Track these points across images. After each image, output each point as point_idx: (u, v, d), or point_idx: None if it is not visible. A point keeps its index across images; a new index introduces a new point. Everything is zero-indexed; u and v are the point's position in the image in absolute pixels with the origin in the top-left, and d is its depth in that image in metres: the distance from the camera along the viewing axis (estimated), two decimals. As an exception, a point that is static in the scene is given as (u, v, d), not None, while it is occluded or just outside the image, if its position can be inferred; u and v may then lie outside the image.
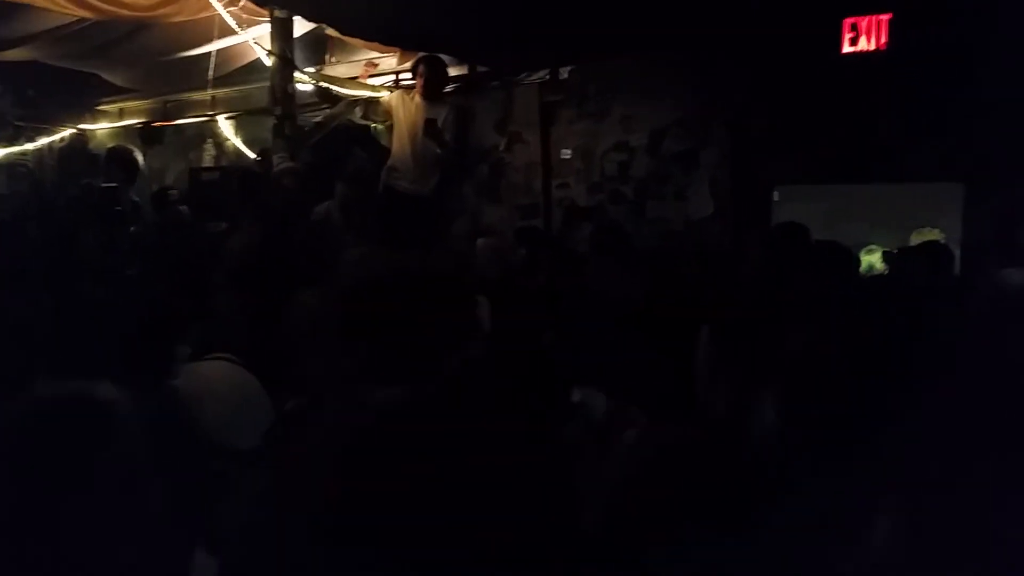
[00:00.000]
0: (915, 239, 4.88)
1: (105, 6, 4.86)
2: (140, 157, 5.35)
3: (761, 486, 1.33)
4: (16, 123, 7.56)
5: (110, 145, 5.92)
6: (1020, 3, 4.19)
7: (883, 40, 4.62)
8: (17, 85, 7.32)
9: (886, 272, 4.63)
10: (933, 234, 4.96)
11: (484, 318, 3.88)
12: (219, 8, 5.00)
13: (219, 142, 7.56)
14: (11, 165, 7.78)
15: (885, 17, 4.61)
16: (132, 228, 4.99)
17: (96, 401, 1.26)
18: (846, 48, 4.72)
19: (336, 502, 1.25)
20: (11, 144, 7.58)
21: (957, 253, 4.36)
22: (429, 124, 5.39)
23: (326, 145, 6.07)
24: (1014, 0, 4.21)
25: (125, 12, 5.03)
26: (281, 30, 5.24)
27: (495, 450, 1.35)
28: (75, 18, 5.24)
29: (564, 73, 6.11)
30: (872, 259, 4.98)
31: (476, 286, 4.36)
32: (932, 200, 5.09)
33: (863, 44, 4.65)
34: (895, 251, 4.52)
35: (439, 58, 5.55)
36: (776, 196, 5.36)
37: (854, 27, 4.69)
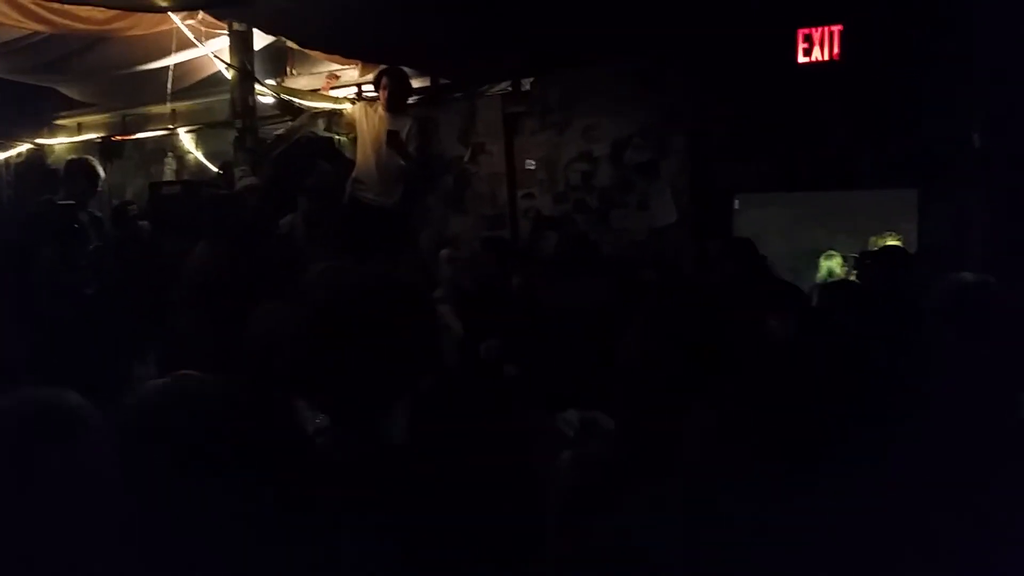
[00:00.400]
0: (875, 244, 4.98)
1: (60, 20, 4.79)
2: (100, 169, 5.27)
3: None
4: (-29, 139, 7.43)
5: (69, 157, 5.82)
6: (970, 11, 4.31)
7: (835, 51, 4.72)
8: (-29, 100, 7.19)
9: (847, 276, 4.72)
10: (894, 239, 5.07)
11: (450, 330, 3.89)
12: (177, 21, 4.96)
13: (180, 156, 7.49)
14: (-33, 182, 7.63)
15: (837, 28, 4.71)
16: (91, 246, 4.92)
17: (64, 409, 1.30)
18: (801, 58, 4.82)
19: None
20: (-34, 160, 7.44)
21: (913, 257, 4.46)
22: (392, 136, 5.39)
23: (289, 157, 6.03)
24: (964, 8, 4.34)
25: (81, 26, 4.96)
26: (240, 43, 5.21)
27: (466, 468, 1.36)
28: (30, 32, 5.16)
29: (526, 84, 6.15)
30: (831, 264, 5.07)
31: (438, 297, 4.38)
32: (889, 206, 5.20)
33: (816, 54, 4.75)
34: (858, 255, 4.61)
35: (402, 70, 5.56)
36: (736, 204, 5.44)
37: (807, 38, 4.78)
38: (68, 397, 1.35)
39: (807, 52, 4.77)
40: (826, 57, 4.72)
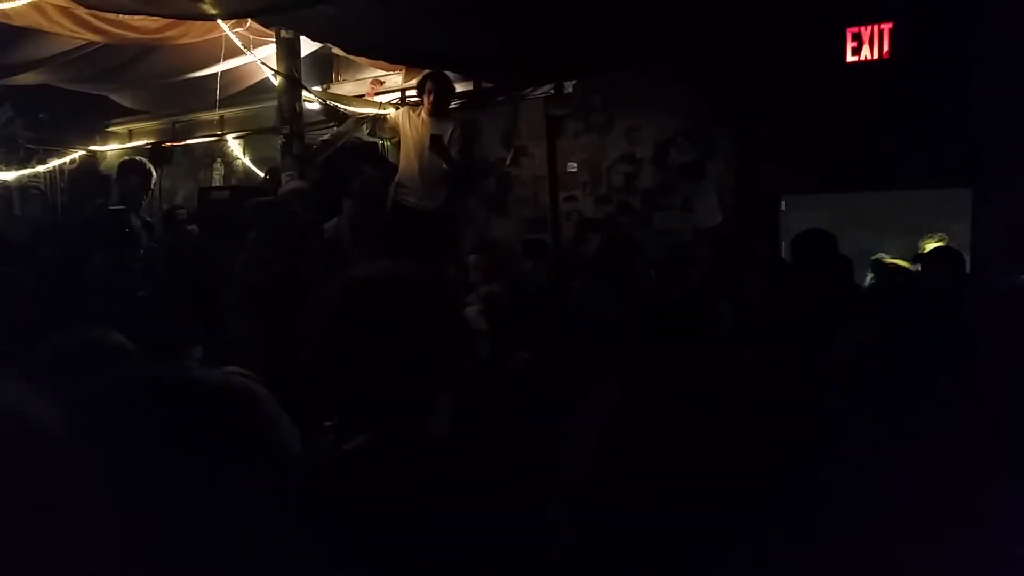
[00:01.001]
0: (926, 246, 4.88)
1: (114, 30, 4.92)
2: (152, 169, 5.40)
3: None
4: (28, 146, 7.65)
5: (123, 158, 5.98)
6: (1021, 7, 4.19)
7: (885, 49, 4.63)
8: (29, 109, 7.41)
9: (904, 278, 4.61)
10: (942, 240, 4.96)
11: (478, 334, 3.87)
12: (226, 29, 5.06)
13: (228, 161, 7.62)
14: (23, 188, 7.85)
15: (887, 26, 4.62)
16: (142, 249, 5.04)
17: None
18: (850, 57, 4.73)
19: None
20: (23, 167, 7.66)
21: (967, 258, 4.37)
22: (435, 140, 5.43)
23: (334, 163, 6.11)
24: (1015, 5, 4.22)
25: (133, 35, 5.09)
26: (287, 50, 5.30)
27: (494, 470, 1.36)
28: (84, 42, 5.31)
29: (569, 87, 6.14)
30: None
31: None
32: (939, 207, 5.09)
33: (866, 53, 4.66)
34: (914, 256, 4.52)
35: (445, 75, 5.60)
36: (783, 205, 5.37)
37: (856, 36, 4.70)
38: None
39: (856, 51, 4.69)
40: (875, 56, 4.64)
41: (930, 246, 4.80)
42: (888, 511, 1.12)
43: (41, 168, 7.95)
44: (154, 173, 5.39)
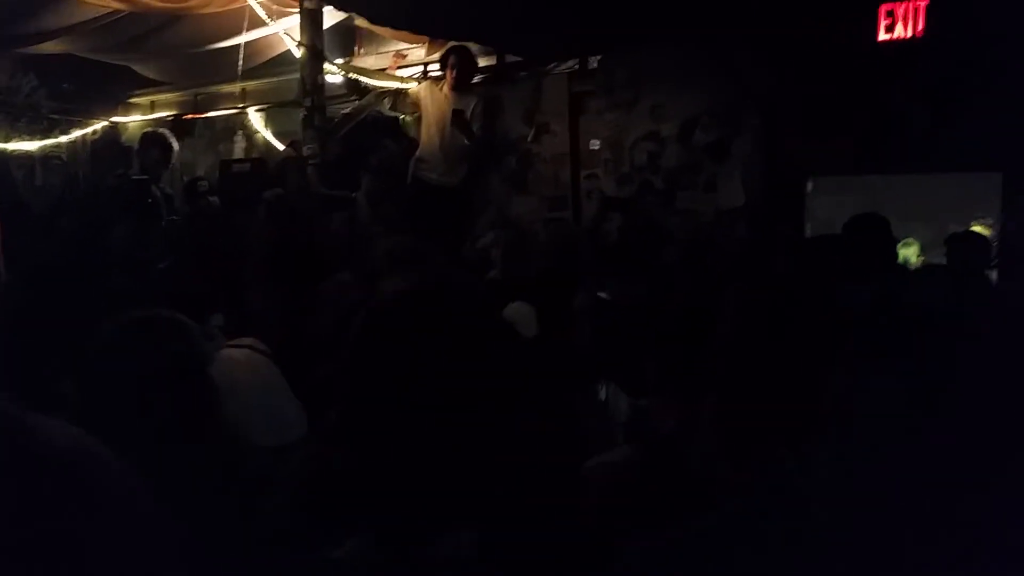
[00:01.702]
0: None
1: (138, -1, 4.91)
2: (174, 141, 5.39)
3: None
4: (50, 116, 7.67)
5: (145, 130, 5.98)
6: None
7: (920, 27, 4.52)
8: (52, 78, 7.42)
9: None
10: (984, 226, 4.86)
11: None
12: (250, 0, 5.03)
13: (249, 134, 7.61)
14: (45, 158, 7.90)
15: (923, 3, 4.50)
16: (164, 221, 5.04)
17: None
18: (882, 35, 4.63)
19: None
20: (45, 137, 7.69)
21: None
22: (457, 115, 5.39)
23: (354, 137, 6.08)
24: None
25: (158, 4, 5.07)
26: (311, 21, 5.25)
27: (517, 447, 1.32)
28: (108, 11, 5.29)
29: (593, 62, 6.05)
30: (908, 253, 4.89)
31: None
32: (970, 191, 4.98)
33: (899, 31, 4.55)
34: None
35: (468, 48, 5.54)
36: (810, 187, 5.28)
37: (890, 13, 4.59)
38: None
39: (889, 28, 4.58)
40: (908, 34, 4.53)
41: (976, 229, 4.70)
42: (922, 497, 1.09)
43: (63, 138, 7.98)
44: (175, 145, 5.39)
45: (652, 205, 5.72)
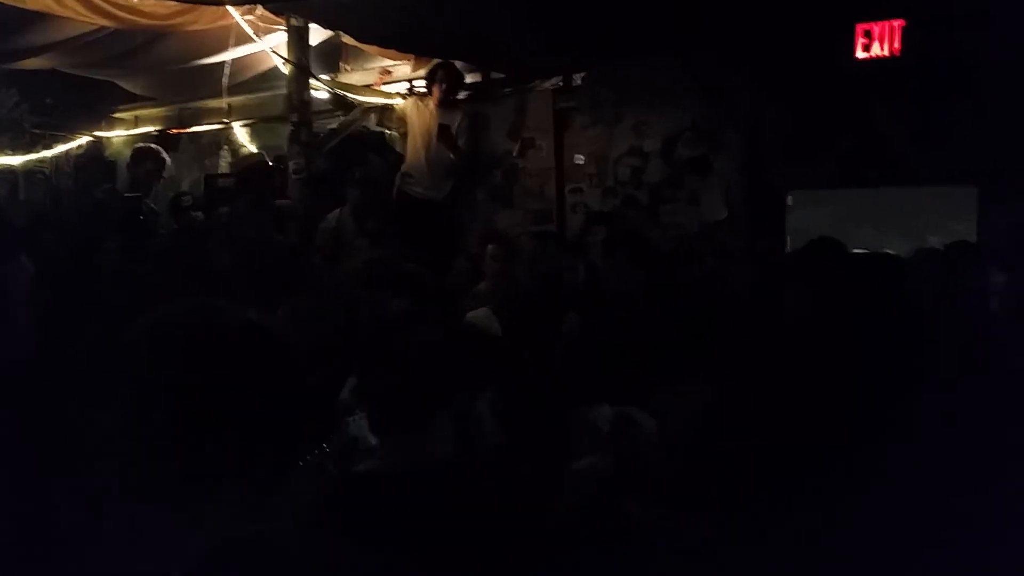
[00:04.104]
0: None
1: (124, 15, 4.93)
2: (166, 155, 5.40)
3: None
4: (33, 131, 7.63)
5: (137, 144, 5.97)
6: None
7: (896, 46, 4.63)
8: (35, 93, 7.40)
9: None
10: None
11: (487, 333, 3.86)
12: (237, 17, 5.06)
13: (235, 149, 7.61)
14: (29, 172, 7.84)
15: (898, 23, 4.62)
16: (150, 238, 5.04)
17: None
18: (859, 54, 4.74)
19: None
20: (29, 151, 7.65)
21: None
22: (443, 130, 5.44)
23: (340, 152, 6.12)
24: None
25: (144, 21, 5.10)
26: (297, 38, 5.30)
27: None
28: (94, 27, 5.31)
29: (578, 79, 6.14)
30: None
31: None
32: (945, 205, 5.09)
33: (876, 50, 4.66)
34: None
35: (454, 65, 5.60)
36: (790, 201, 5.37)
37: (867, 33, 4.70)
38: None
39: (866, 48, 4.69)
40: (886, 53, 4.64)
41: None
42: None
43: (47, 153, 7.94)
44: (168, 160, 5.40)
45: (636, 219, 5.79)
